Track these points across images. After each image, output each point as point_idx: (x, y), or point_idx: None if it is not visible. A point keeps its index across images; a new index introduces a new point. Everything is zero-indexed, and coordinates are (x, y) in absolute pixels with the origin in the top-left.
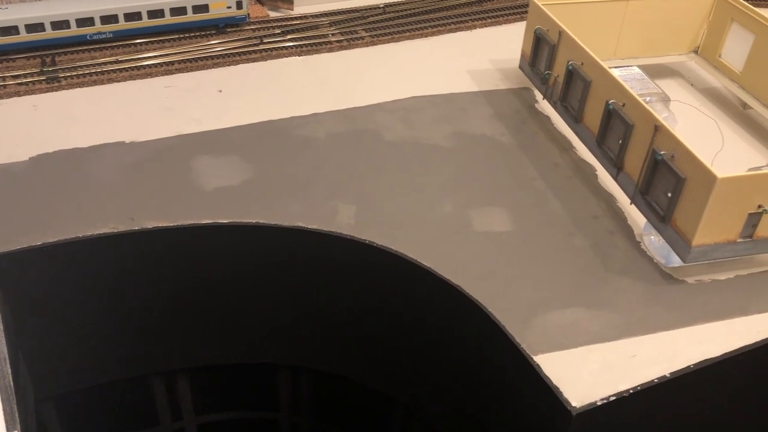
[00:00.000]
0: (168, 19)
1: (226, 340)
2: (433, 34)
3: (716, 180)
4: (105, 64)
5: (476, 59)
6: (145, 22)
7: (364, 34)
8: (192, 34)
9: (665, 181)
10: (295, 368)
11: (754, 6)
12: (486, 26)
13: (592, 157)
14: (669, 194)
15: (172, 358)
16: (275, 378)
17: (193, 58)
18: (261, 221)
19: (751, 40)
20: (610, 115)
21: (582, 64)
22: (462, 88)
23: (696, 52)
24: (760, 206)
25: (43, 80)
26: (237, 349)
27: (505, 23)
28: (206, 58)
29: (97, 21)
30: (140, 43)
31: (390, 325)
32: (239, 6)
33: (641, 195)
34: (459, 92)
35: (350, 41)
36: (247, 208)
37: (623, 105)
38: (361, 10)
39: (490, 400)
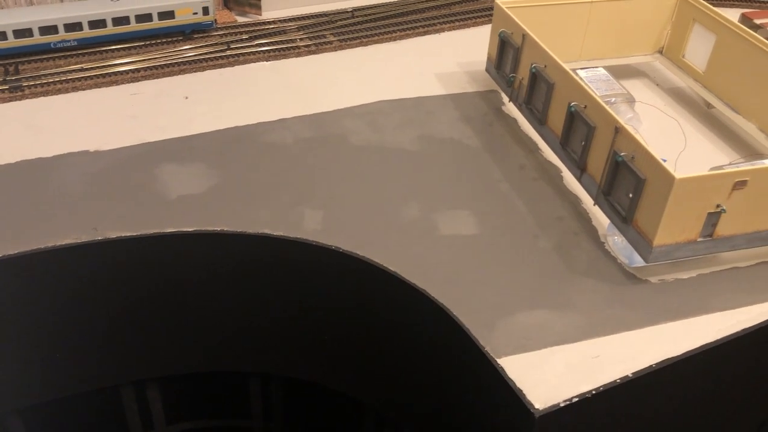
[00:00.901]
0: (133, 26)
1: (195, 348)
2: (401, 37)
3: (674, 180)
4: (70, 72)
5: (444, 62)
6: (110, 29)
7: (332, 38)
8: (158, 41)
9: (626, 182)
10: (266, 375)
11: (718, 6)
12: (454, 29)
13: (557, 158)
14: (630, 195)
15: (142, 368)
16: (247, 386)
17: (160, 65)
18: (226, 229)
19: (713, 40)
20: (572, 117)
21: (545, 66)
22: (429, 92)
23: (661, 52)
24: (718, 206)
25: (6, 89)
26: (207, 358)
27: (473, 26)
28: (173, 64)
29: (61, 29)
30: (106, 51)
31: (358, 330)
32: (205, 12)
33: (604, 196)
34: (426, 96)
35: (318, 46)
36: (212, 216)
37: (585, 107)
38: (330, 14)
39: (458, 404)
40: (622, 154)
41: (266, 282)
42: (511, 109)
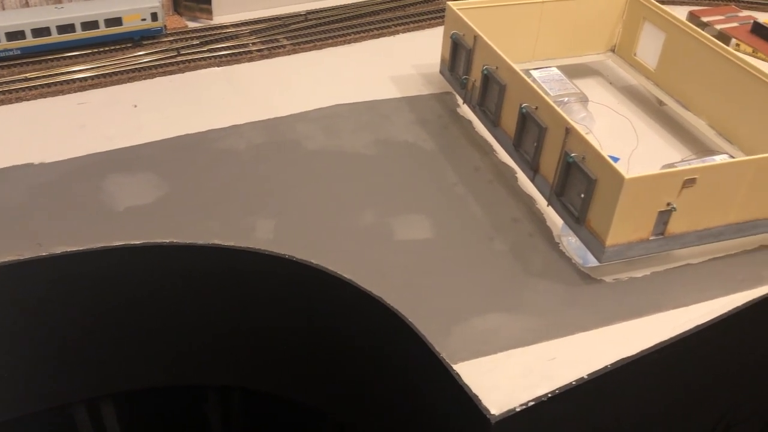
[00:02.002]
0: (79, 34)
1: (149, 363)
2: (356, 40)
3: (624, 180)
4: (13, 82)
5: (399, 65)
6: (55, 37)
7: (285, 42)
8: (106, 48)
9: (578, 182)
10: (224, 388)
11: (667, 4)
12: (409, 31)
13: (512, 160)
14: (582, 195)
15: (95, 385)
16: (205, 399)
17: (108, 73)
18: (175, 240)
19: (663, 38)
20: (524, 118)
21: (497, 68)
22: (385, 95)
23: (613, 50)
24: (669, 204)
25: None
26: (162, 372)
27: (428, 27)
28: (121, 72)
29: (3, 37)
30: (51, 60)
31: (316, 339)
32: (154, 18)
33: (557, 197)
34: (382, 99)
35: (271, 50)
36: (160, 228)
37: (536, 108)
38: (283, 17)
39: (415, 412)
40: (573, 154)
41: (219, 293)
42: (466, 110)
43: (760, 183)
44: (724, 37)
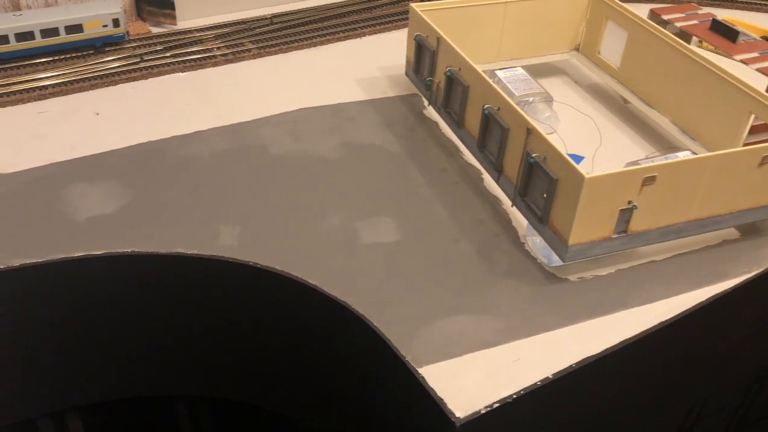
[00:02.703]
0: (39, 42)
1: (115, 374)
2: (322, 43)
3: (584, 180)
4: None
5: (365, 67)
6: (13, 45)
7: (251, 46)
8: (67, 56)
9: (540, 182)
10: (193, 398)
11: (629, 2)
12: (376, 33)
13: (477, 161)
14: (544, 195)
15: (61, 397)
16: (174, 409)
17: (69, 81)
18: (137, 250)
19: (625, 36)
20: (487, 119)
21: (460, 69)
22: (351, 98)
23: (578, 49)
24: (630, 202)
25: None
26: (128, 383)
27: (395, 29)
28: (83, 80)
29: None
30: (10, 68)
31: (283, 346)
32: (116, 24)
33: (520, 197)
34: (348, 102)
35: (236, 54)
36: (122, 237)
37: (498, 109)
38: (248, 21)
39: (382, 417)
40: (534, 155)
41: (183, 302)
42: (432, 112)
43: (719, 179)
44: (685, 34)
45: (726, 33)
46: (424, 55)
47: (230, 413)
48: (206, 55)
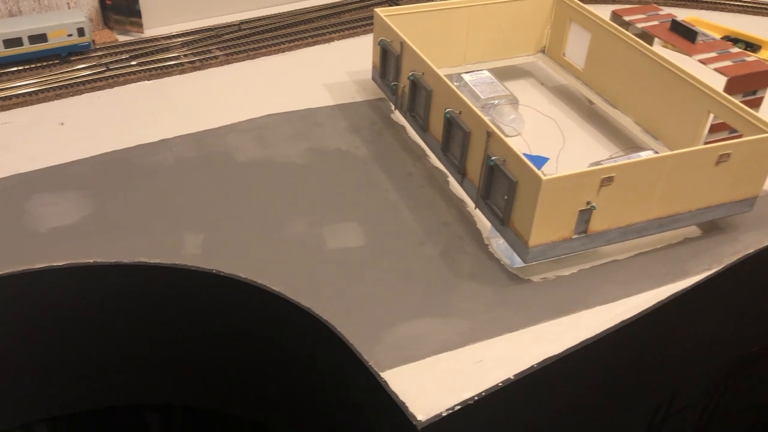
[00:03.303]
0: (3, 52)
1: (83, 384)
2: (290, 48)
3: (541, 181)
4: None
5: (333, 72)
6: None
7: (218, 53)
8: (32, 66)
9: (501, 185)
10: (163, 406)
11: (592, 4)
12: (344, 38)
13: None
14: (505, 197)
15: (27, 409)
16: (144, 419)
17: (33, 91)
18: (99, 260)
19: (588, 38)
20: (450, 123)
21: (423, 74)
22: (319, 103)
23: (543, 51)
24: (588, 202)
25: None
26: (95, 393)
27: (363, 33)
28: (47, 89)
29: None
30: None
31: (249, 352)
32: (81, 33)
33: (483, 200)
34: (315, 107)
35: (203, 61)
36: (85, 247)
37: (460, 113)
38: (216, 28)
39: (350, 420)
40: (494, 158)
41: (148, 311)
42: (400, 116)
43: (677, 178)
44: (646, 35)
45: (685, 33)
46: (389, 59)
47: (201, 421)
48: (173, 62)
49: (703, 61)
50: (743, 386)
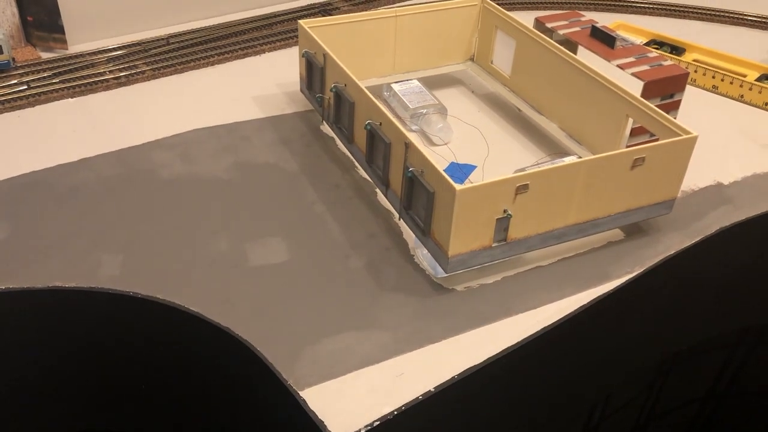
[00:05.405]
0: None
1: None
2: (220, 61)
3: (456, 192)
4: None
5: (263, 84)
6: None
7: (145, 68)
8: None
9: (420, 195)
10: None
11: (515, 11)
12: (275, 49)
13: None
14: (424, 208)
15: None
16: None
17: None
18: (10, 286)
19: (513, 45)
20: (371, 134)
21: (345, 85)
22: (247, 116)
23: (472, 59)
24: (505, 210)
25: None
26: (13, 424)
27: (295, 45)
28: None
29: None
30: None
31: (170, 375)
32: None
33: (405, 210)
34: (243, 120)
35: (129, 77)
36: None
37: (380, 124)
38: (144, 43)
39: None
40: (411, 169)
41: (65, 337)
42: (328, 128)
43: (593, 183)
44: (568, 42)
45: (604, 39)
46: (314, 71)
47: None
48: (98, 79)
49: (621, 66)
50: (678, 383)
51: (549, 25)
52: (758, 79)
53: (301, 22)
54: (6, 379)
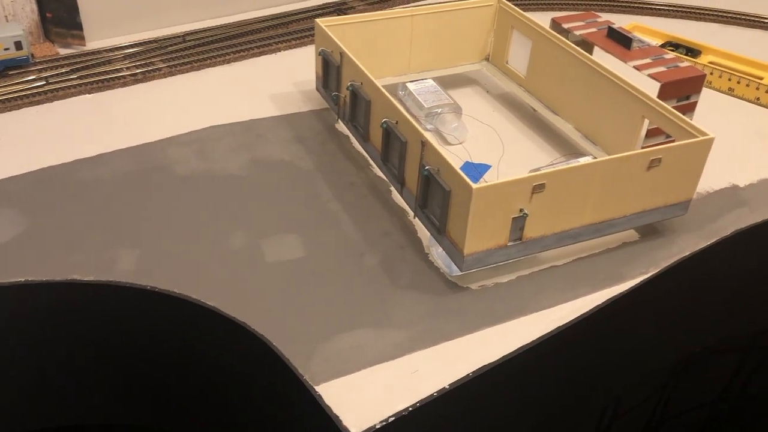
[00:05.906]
0: None
1: (18, 406)
2: (236, 59)
3: (472, 190)
4: None
5: (279, 82)
6: None
7: (161, 65)
8: None
9: (436, 194)
10: (105, 427)
11: (532, 11)
12: (291, 48)
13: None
14: (440, 207)
15: None
16: None
17: None
18: (30, 279)
19: (529, 46)
20: (387, 133)
21: (362, 84)
22: (263, 114)
23: (488, 59)
24: (521, 210)
25: None
26: (31, 415)
27: (310, 43)
28: None
29: None
30: None
31: (186, 369)
32: (19, 47)
33: (420, 209)
34: (259, 118)
35: (146, 74)
36: (16, 266)
37: (396, 122)
38: (160, 40)
39: None
40: (428, 167)
41: (84, 330)
42: (343, 126)
43: (609, 184)
44: (585, 43)
45: (621, 40)
46: (330, 70)
47: None
48: (115, 75)
49: (637, 67)
50: (690, 386)
51: (565, 26)
52: None
53: (318, 20)
54: (24, 371)
